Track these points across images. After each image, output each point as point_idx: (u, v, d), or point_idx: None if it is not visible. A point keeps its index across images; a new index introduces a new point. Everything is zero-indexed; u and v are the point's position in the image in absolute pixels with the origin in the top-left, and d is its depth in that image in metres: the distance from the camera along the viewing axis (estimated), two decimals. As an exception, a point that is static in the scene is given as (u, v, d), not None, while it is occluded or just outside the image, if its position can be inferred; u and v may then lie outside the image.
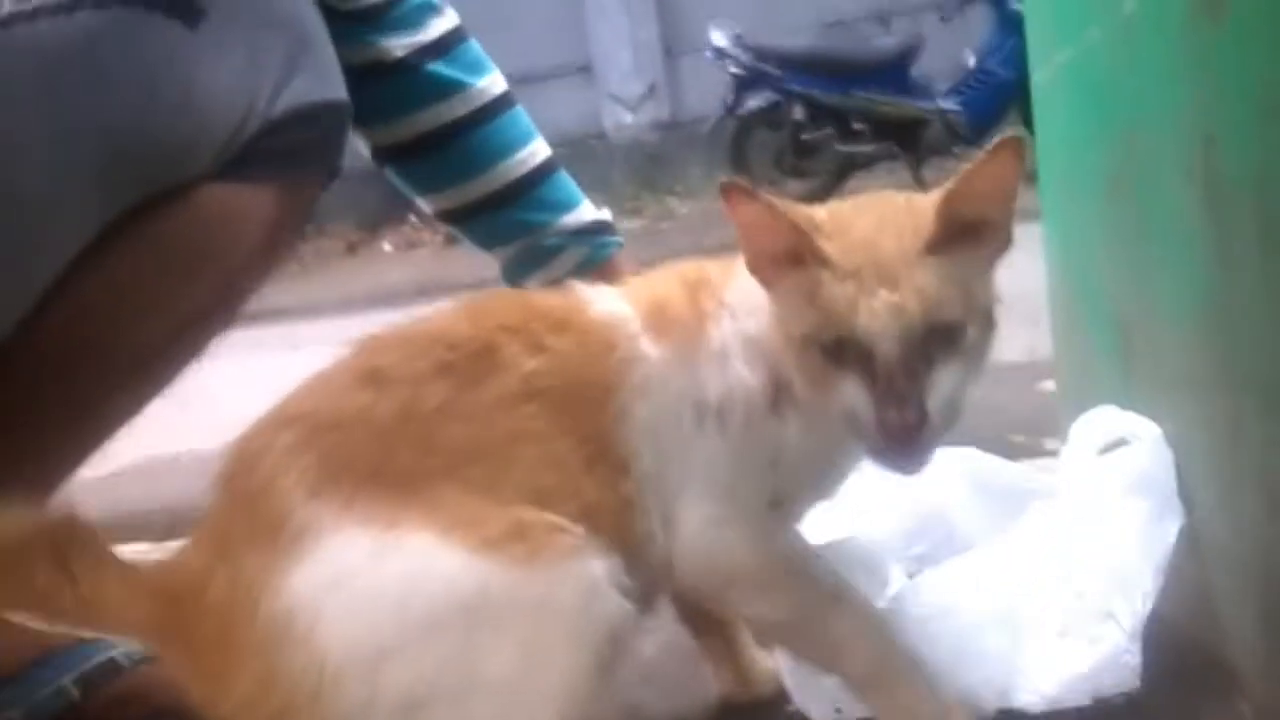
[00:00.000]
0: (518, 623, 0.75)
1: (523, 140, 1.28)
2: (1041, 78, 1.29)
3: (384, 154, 1.26)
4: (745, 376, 0.89)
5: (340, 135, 1.04)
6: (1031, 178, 1.10)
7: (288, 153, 0.97)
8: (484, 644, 0.74)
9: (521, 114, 1.29)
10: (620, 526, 0.84)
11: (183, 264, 0.95)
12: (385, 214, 7.35)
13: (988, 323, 0.84)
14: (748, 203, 0.82)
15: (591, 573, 0.78)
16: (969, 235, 0.81)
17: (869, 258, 0.80)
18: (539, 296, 0.96)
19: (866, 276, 0.79)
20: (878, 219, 0.83)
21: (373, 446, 0.79)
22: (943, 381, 0.80)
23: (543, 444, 0.82)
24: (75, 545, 0.76)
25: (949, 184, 0.82)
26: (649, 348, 0.89)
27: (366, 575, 0.73)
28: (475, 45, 1.27)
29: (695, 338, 0.90)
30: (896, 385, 0.78)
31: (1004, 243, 0.85)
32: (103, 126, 0.87)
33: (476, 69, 1.26)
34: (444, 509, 0.76)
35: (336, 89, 1.01)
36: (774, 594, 0.90)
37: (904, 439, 0.78)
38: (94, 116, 0.86)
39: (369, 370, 0.83)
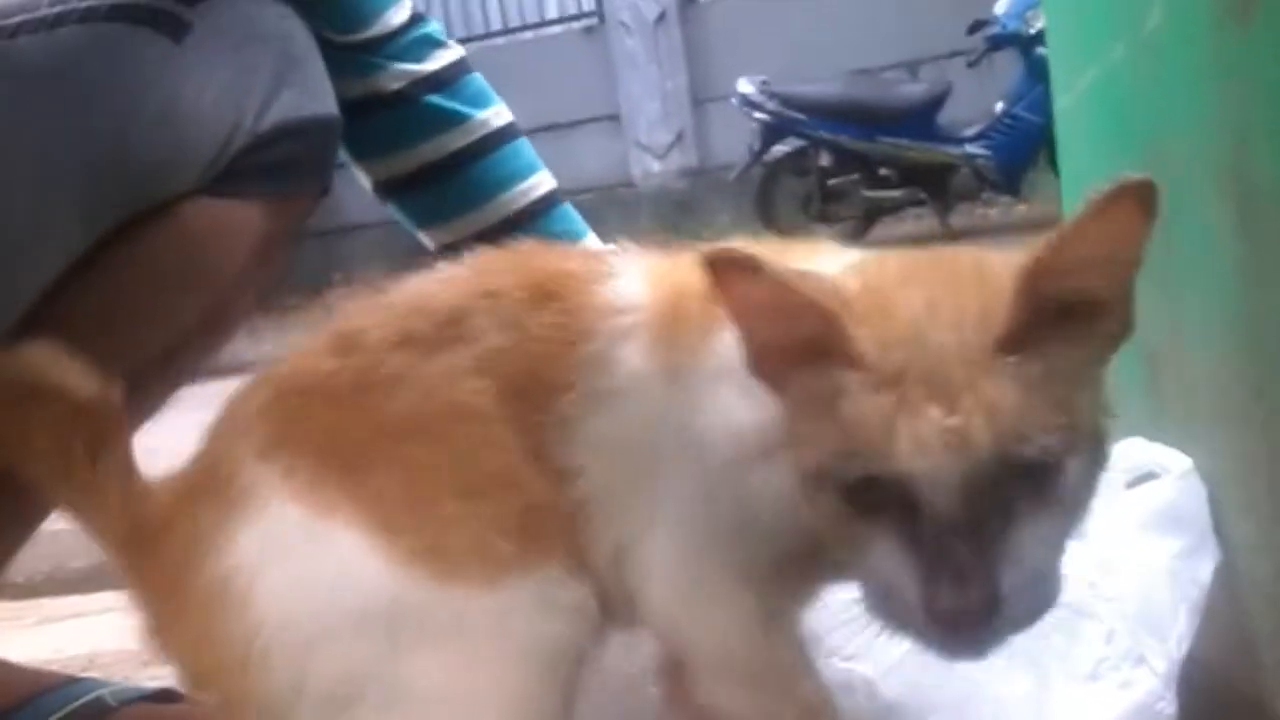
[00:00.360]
0: (439, 640, 0.69)
1: (525, 173, 1.25)
2: (1065, 104, 1.26)
3: (385, 188, 1.25)
4: (736, 409, 0.69)
5: (330, 150, 1.03)
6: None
7: (277, 168, 0.96)
8: (408, 656, 0.69)
9: (525, 146, 1.27)
10: (566, 532, 0.74)
11: (172, 280, 0.94)
12: (415, 260, 7.41)
13: (1095, 452, 0.60)
14: (747, 280, 0.59)
15: (515, 596, 0.70)
16: (1068, 322, 0.58)
17: (916, 355, 0.56)
18: (553, 259, 0.81)
19: (912, 385, 0.55)
20: (931, 296, 0.59)
21: (325, 416, 0.74)
22: (1025, 545, 0.56)
23: (484, 428, 0.73)
24: (107, 436, 0.74)
25: (1039, 245, 0.57)
26: (634, 351, 0.73)
27: (301, 558, 0.70)
28: (479, 79, 1.26)
29: (697, 348, 0.71)
30: (954, 553, 0.54)
31: (1120, 331, 0.61)
32: (87, 143, 0.86)
33: (478, 101, 1.24)
34: (378, 501, 0.71)
35: (326, 103, 1.00)
36: (741, 692, 0.75)
37: (963, 630, 0.56)
38: (78, 133, 0.86)
39: (342, 335, 0.78)
